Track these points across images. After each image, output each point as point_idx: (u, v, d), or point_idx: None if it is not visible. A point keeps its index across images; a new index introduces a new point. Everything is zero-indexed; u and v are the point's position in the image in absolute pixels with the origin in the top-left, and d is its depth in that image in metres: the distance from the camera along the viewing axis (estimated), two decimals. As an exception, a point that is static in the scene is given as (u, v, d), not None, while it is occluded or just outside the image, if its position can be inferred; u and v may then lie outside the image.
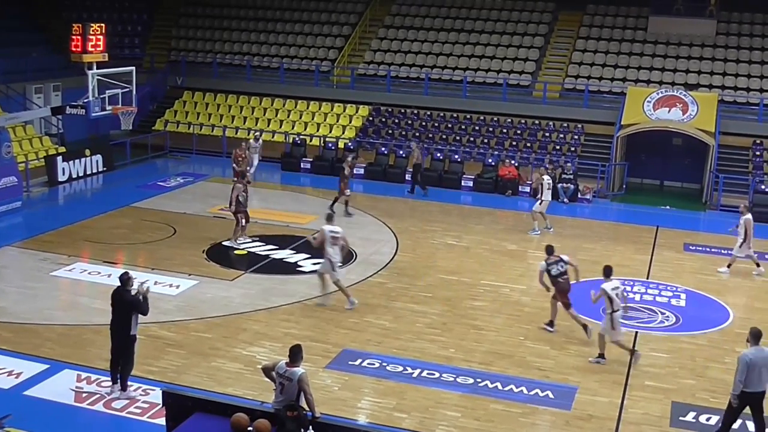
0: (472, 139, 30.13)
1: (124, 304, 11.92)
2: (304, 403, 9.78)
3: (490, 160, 27.78)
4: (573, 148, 29.27)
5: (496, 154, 28.31)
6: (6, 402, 11.82)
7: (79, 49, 21.71)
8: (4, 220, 21.37)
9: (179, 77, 34.54)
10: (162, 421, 10.38)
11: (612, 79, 31.05)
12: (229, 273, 17.80)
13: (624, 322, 15.87)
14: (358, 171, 27.33)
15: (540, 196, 22.09)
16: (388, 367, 13.50)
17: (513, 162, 27.29)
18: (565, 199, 25.76)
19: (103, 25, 22.57)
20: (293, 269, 18.33)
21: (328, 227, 16.11)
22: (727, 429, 11.44)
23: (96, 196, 25.52)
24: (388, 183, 27.31)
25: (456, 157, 28.17)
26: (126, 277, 12.04)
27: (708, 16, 32.11)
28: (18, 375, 12.70)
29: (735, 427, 11.67)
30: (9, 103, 27.97)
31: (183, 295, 16.43)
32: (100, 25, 22.41)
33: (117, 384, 12.14)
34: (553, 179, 23.47)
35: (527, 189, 26.17)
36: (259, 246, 19.75)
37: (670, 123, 27.37)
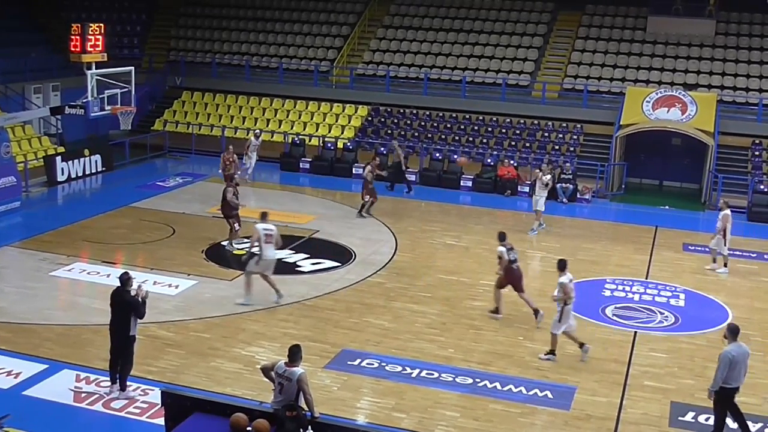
0: (471, 139, 30.12)
1: (123, 304, 11.92)
2: (303, 403, 9.77)
3: (489, 160, 27.78)
4: (572, 148, 29.27)
5: (495, 154, 28.30)
6: (5, 402, 11.82)
7: (78, 49, 21.71)
8: (3, 220, 21.35)
9: (178, 77, 34.52)
10: (161, 421, 10.39)
11: (611, 79, 31.05)
12: (228, 273, 17.79)
13: (624, 322, 15.97)
14: (358, 171, 27.34)
15: (535, 194, 22.09)
16: (387, 367, 13.51)
17: (512, 162, 27.28)
18: (565, 199, 25.75)
19: (102, 25, 22.56)
20: (292, 269, 18.33)
21: (261, 225, 16.08)
22: (721, 428, 11.45)
23: (95, 196, 25.50)
24: (388, 183, 27.22)
25: (455, 157, 28.16)
26: (126, 278, 12.05)
27: (707, 16, 32.11)
28: (17, 375, 12.69)
29: (735, 427, 11.69)
30: (8, 103, 27.96)
31: (182, 295, 16.44)
32: (99, 25, 22.40)
33: (116, 384, 12.14)
34: (552, 179, 23.46)
35: (526, 189, 26.14)
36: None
37: (669, 123, 27.37)
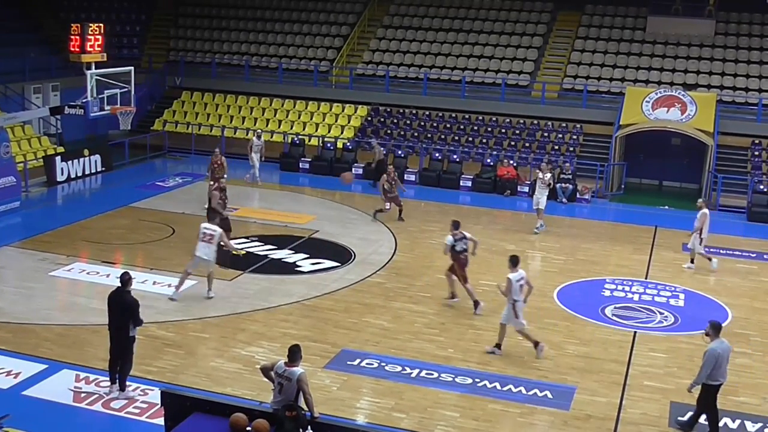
0: (471, 139, 30.12)
1: (122, 305, 11.90)
2: (302, 403, 9.77)
3: (489, 160, 27.79)
4: (572, 148, 29.26)
5: (495, 154, 28.30)
6: (4, 402, 11.81)
7: (77, 49, 21.72)
8: (3, 220, 21.33)
9: (178, 77, 34.50)
10: (161, 421, 10.38)
11: (611, 79, 31.05)
12: (228, 273, 17.79)
13: (623, 322, 15.97)
14: (358, 171, 27.36)
15: (536, 193, 22.12)
16: (387, 367, 13.51)
17: (511, 162, 27.28)
18: (564, 199, 25.74)
19: (101, 25, 22.56)
20: (292, 269, 18.33)
21: (204, 224, 16.20)
22: (717, 426, 11.46)
23: (94, 196, 25.48)
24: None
25: (454, 157, 28.15)
26: (126, 278, 12.03)
27: (706, 16, 32.12)
28: (16, 375, 12.68)
29: (734, 427, 11.69)
30: (7, 103, 27.96)
31: (181, 294, 16.42)
32: (98, 25, 22.39)
33: (116, 384, 12.14)
34: (552, 178, 23.45)
35: (526, 189, 26.16)
36: (258, 246, 19.75)
37: (669, 123, 27.37)
